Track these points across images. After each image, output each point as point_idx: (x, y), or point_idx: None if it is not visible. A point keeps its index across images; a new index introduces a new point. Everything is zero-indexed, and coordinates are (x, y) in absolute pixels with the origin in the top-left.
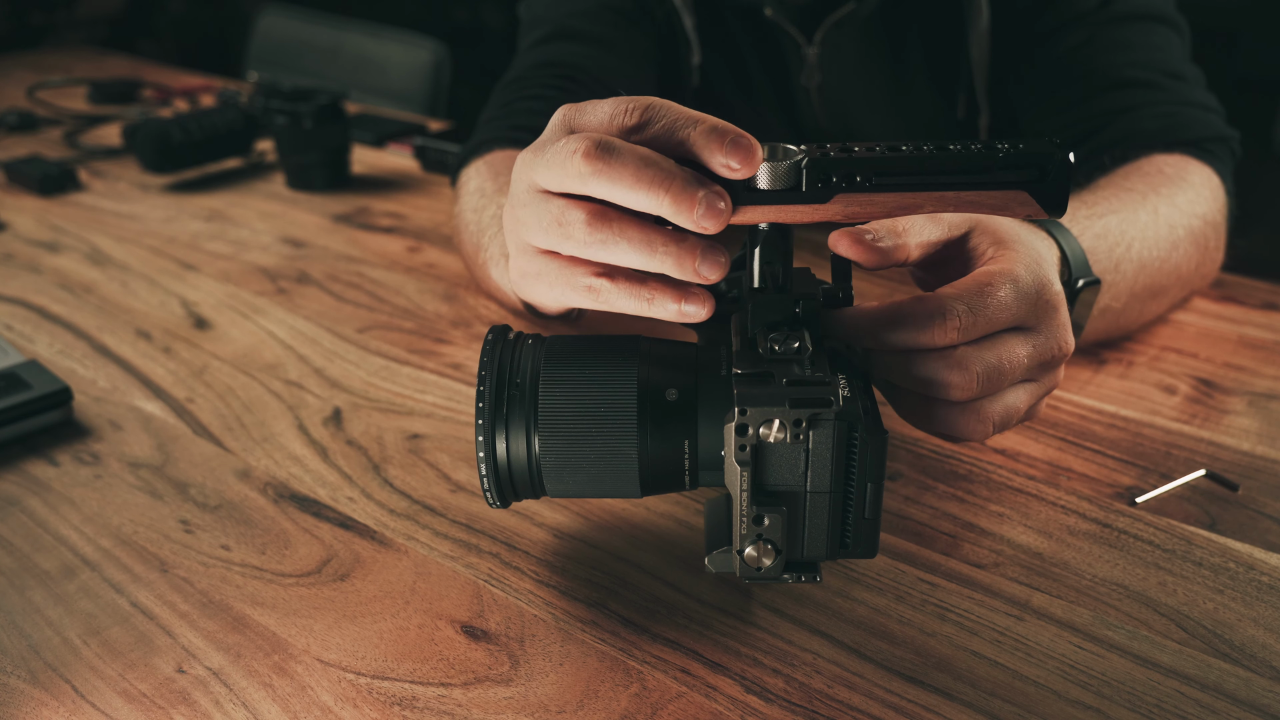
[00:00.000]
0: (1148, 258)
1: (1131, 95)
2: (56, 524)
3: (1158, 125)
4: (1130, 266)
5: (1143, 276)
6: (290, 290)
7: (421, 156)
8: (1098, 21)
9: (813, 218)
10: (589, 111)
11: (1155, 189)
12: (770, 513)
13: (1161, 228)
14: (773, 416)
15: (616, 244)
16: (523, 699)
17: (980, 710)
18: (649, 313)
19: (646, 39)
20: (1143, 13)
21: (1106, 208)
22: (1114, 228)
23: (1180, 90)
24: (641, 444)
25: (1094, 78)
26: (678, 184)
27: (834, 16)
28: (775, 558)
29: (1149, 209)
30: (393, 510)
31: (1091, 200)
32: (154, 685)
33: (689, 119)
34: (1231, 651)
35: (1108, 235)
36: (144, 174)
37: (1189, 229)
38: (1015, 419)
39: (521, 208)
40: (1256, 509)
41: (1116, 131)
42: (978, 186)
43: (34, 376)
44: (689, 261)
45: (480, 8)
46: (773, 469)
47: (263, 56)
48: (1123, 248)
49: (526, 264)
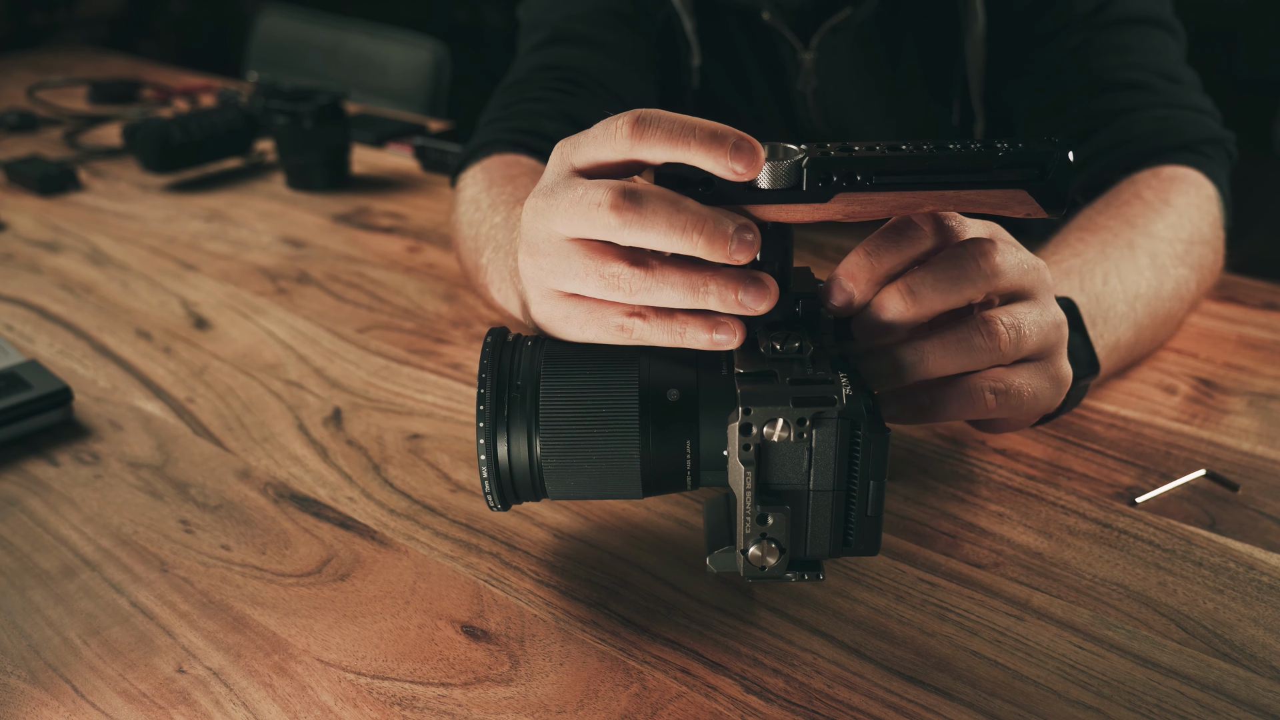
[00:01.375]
0: (1139, 289)
1: (1127, 97)
2: (57, 524)
3: (1152, 129)
4: (1117, 300)
5: (1139, 305)
6: (290, 290)
7: (421, 156)
8: (1094, 25)
9: (813, 217)
10: (584, 144)
11: (1130, 222)
12: (774, 512)
13: (1140, 258)
14: (776, 416)
15: (661, 289)
16: (523, 699)
17: (980, 710)
18: (682, 344)
19: (646, 41)
20: (1139, 16)
21: (1069, 253)
22: (1076, 269)
23: (1176, 93)
24: (643, 445)
25: (1090, 80)
26: (709, 225)
27: (830, 22)
28: (779, 556)
29: (1122, 244)
30: (393, 510)
31: (1052, 250)
32: (154, 685)
33: (684, 126)
34: (1231, 651)
35: (1073, 274)
36: (144, 174)
37: (1173, 254)
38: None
39: (545, 256)
40: (1256, 509)
41: (1111, 134)
42: (977, 185)
43: (34, 376)
44: (731, 294)
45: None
46: (776, 468)
47: (263, 56)
48: (1099, 281)
49: (553, 309)
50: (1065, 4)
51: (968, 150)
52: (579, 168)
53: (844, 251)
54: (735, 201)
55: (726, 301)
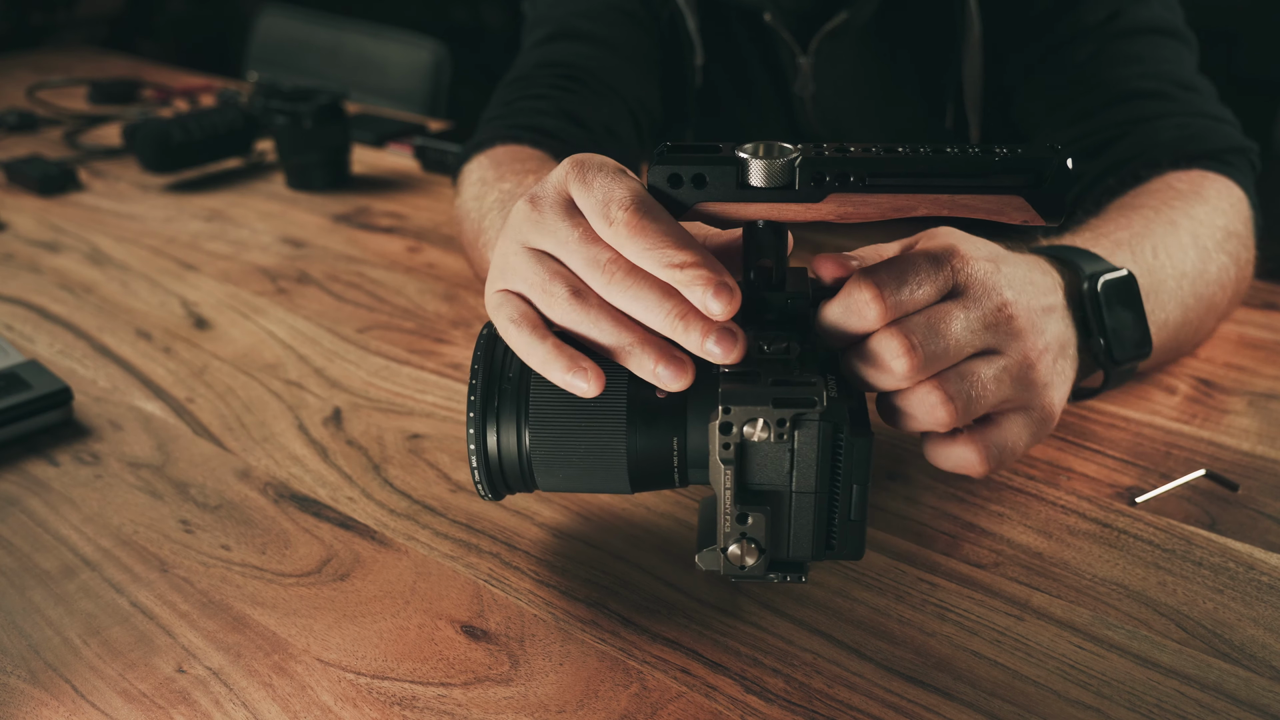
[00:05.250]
0: (1185, 268)
1: (1145, 106)
2: (57, 524)
3: (1173, 136)
4: (1166, 275)
5: (1185, 284)
6: (290, 290)
7: (421, 156)
8: (1106, 35)
9: (806, 216)
10: (586, 193)
11: (1168, 203)
12: (754, 511)
13: (1184, 236)
14: (757, 416)
15: (595, 326)
16: (523, 699)
17: (980, 710)
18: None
19: (650, 39)
20: (1151, 26)
21: (1115, 226)
22: (1126, 241)
23: (1194, 101)
24: (630, 440)
25: (1105, 90)
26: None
27: (828, 26)
28: (759, 557)
29: (1164, 221)
30: (393, 510)
31: (1097, 224)
32: (154, 685)
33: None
34: (1231, 651)
35: (1124, 246)
36: (144, 174)
37: (1214, 240)
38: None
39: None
40: (1256, 509)
41: (1132, 143)
42: (973, 190)
43: (34, 376)
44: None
45: (480, 8)
46: (757, 468)
47: (263, 56)
48: (1149, 253)
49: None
50: (1076, 14)
51: (964, 154)
52: (573, 203)
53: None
54: (729, 200)
55: (643, 369)
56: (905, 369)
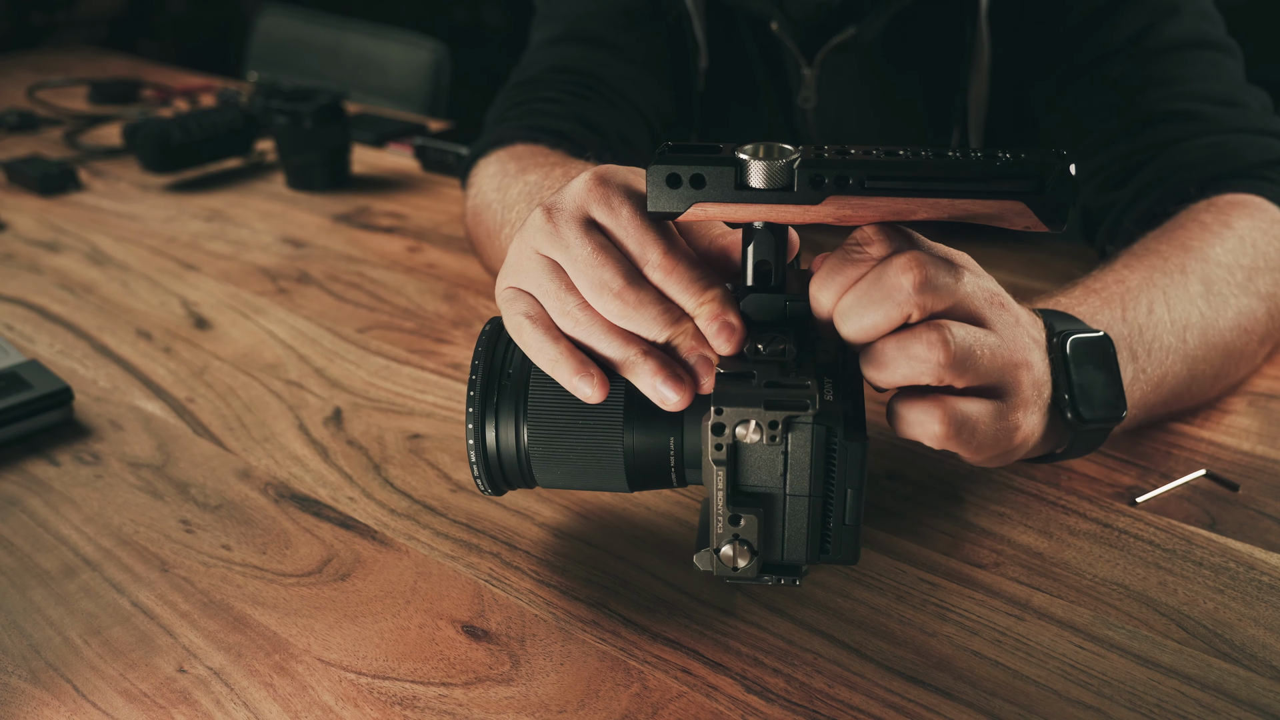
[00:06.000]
0: (1190, 319)
1: (1173, 129)
2: (57, 524)
3: (1202, 156)
4: (1162, 331)
5: (1190, 335)
6: (290, 290)
7: (422, 156)
8: (1135, 56)
9: (804, 218)
10: (609, 212)
11: (1185, 246)
12: (746, 513)
13: (1193, 285)
14: (749, 417)
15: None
16: (523, 699)
17: (981, 710)
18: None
19: (659, 41)
20: (1183, 41)
21: (1111, 280)
22: (1118, 297)
23: (1229, 118)
24: (627, 439)
25: (1132, 115)
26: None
27: (835, 40)
28: (751, 559)
29: (1174, 269)
30: (393, 510)
31: (1089, 282)
32: (155, 685)
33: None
34: (1232, 651)
35: (1113, 303)
36: (144, 174)
37: (1232, 282)
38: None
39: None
40: (1256, 509)
41: (1160, 166)
42: (974, 195)
43: (34, 376)
44: (648, 380)
45: (480, 8)
46: (750, 470)
47: (263, 56)
48: (1143, 310)
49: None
50: (1104, 34)
51: (966, 159)
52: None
53: None
54: (727, 200)
55: (644, 384)
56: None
